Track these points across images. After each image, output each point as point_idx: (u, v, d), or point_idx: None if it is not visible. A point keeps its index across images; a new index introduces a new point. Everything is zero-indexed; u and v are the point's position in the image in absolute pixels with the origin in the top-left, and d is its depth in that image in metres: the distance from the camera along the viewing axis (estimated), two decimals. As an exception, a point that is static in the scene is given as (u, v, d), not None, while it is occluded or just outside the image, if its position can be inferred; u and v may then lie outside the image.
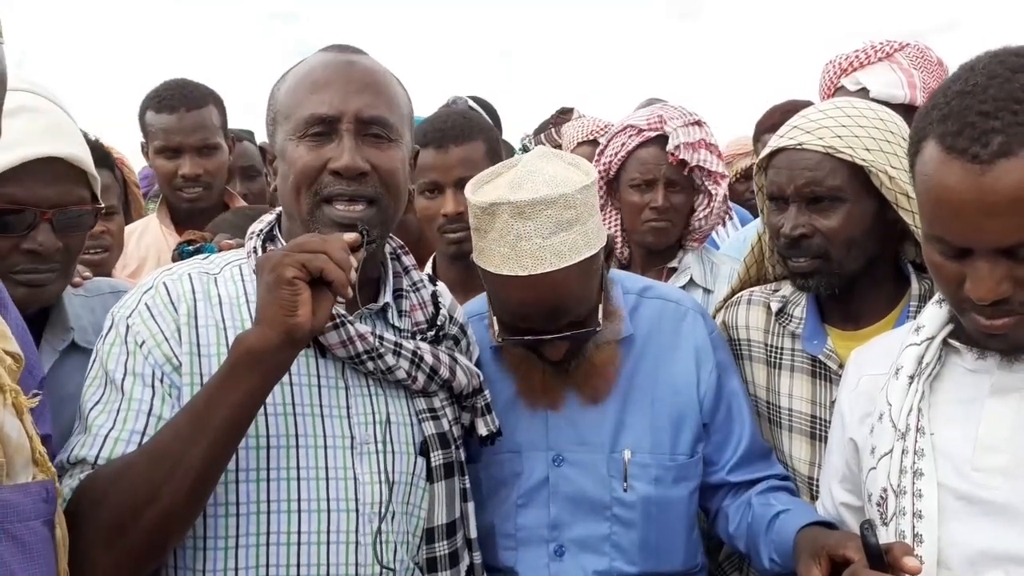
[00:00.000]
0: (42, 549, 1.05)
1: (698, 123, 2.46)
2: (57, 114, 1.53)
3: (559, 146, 3.76)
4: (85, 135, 1.64)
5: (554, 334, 1.57)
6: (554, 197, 1.48)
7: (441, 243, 2.20)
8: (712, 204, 2.47)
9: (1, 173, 1.43)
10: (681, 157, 2.40)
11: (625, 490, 1.67)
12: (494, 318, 1.62)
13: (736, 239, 3.11)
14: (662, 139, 2.44)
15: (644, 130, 2.47)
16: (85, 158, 1.54)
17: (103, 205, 1.64)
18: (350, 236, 1.30)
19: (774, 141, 1.75)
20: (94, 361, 1.39)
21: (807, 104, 3.07)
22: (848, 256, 1.69)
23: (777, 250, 1.78)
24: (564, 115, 4.13)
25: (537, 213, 1.48)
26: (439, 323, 1.56)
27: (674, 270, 2.51)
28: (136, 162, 3.33)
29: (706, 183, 2.46)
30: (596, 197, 1.60)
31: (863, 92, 2.53)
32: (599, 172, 2.43)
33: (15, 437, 1.03)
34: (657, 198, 2.43)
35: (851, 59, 2.63)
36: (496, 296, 1.59)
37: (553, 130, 4.01)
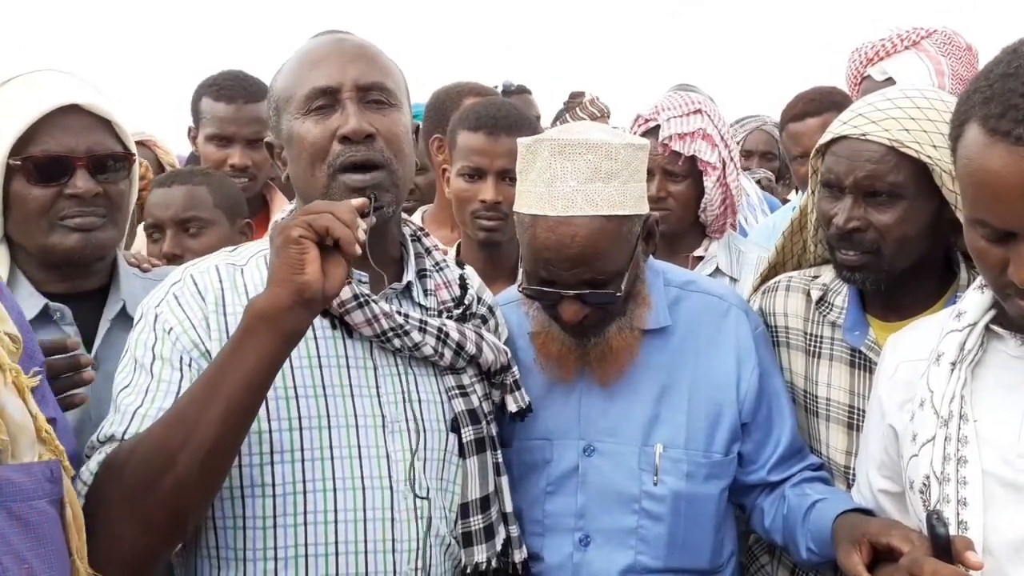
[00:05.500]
0: (49, 529, 1.04)
1: (698, 112, 2.43)
2: (78, 76, 1.66)
3: None
4: None
5: (573, 289, 1.56)
6: (596, 143, 1.52)
7: (472, 228, 2.21)
8: (707, 196, 2.44)
9: (35, 130, 1.56)
10: (673, 148, 2.39)
11: (655, 484, 1.65)
12: (523, 271, 1.63)
13: (765, 226, 3.07)
14: (659, 129, 2.43)
15: (645, 120, 2.48)
16: (109, 108, 1.63)
17: (135, 153, 1.72)
18: (358, 200, 1.32)
19: (837, 127, 1.67)
20: (126, 352, 1.42)
21: (833, 90, 3.04)
22: (899, 253, 1.64)
23: (826, 239, 1.73)
24: (575, 99, 4.17)
25: (576, 155, 1.51)
26: (466, 302, 1.57)
27: (700, 259, 2.50)
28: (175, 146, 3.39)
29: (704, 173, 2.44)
30: (643, 164, 1.60)
31: (889, 82, 2.51)
32: None
33: (18, 417, 1.03)
34: (651, 187, 2.42)
35: (877, 48, 2.60)
36: (525, 240, 1.59)
37: (567, 115, 4.04)
